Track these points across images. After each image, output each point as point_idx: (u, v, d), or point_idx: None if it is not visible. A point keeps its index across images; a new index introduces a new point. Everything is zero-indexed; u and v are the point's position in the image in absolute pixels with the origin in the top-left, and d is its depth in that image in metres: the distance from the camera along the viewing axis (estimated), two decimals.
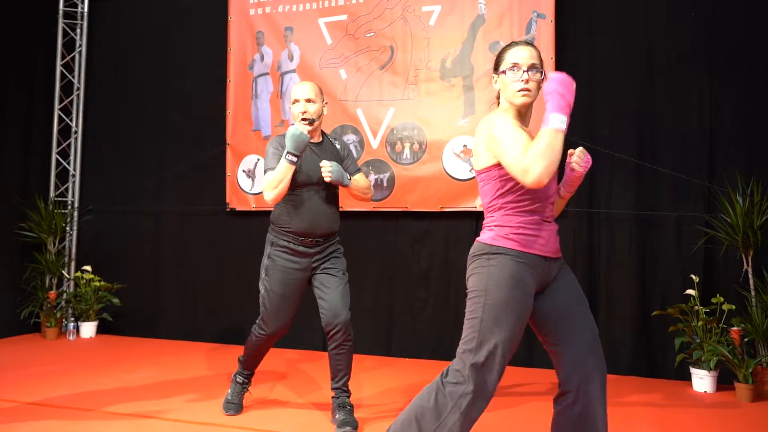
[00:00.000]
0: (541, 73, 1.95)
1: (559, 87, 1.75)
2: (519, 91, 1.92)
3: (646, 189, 4.07)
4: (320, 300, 2.85)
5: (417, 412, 1.86)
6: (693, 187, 3.94)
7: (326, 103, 2.96)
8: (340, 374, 2.89)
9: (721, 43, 3.94)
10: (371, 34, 4.63)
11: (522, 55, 1.93)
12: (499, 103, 2.04)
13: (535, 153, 1.71)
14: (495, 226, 1.92)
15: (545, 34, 4.20)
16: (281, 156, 2.72)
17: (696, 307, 3.65)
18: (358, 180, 2.94)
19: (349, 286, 2.92)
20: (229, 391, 3.12)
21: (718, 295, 3.66)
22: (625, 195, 4.11)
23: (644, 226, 4.06)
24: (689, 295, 3.70)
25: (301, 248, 2.85)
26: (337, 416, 2.85)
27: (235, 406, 3.06)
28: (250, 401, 3.27)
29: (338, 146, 3.00)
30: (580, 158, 1.95)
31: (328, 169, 2.74)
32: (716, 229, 3.77)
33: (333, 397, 2.93)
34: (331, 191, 2.91)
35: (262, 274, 2.91)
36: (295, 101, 2.85)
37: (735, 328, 3.51)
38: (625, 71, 4.14)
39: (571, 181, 2.01)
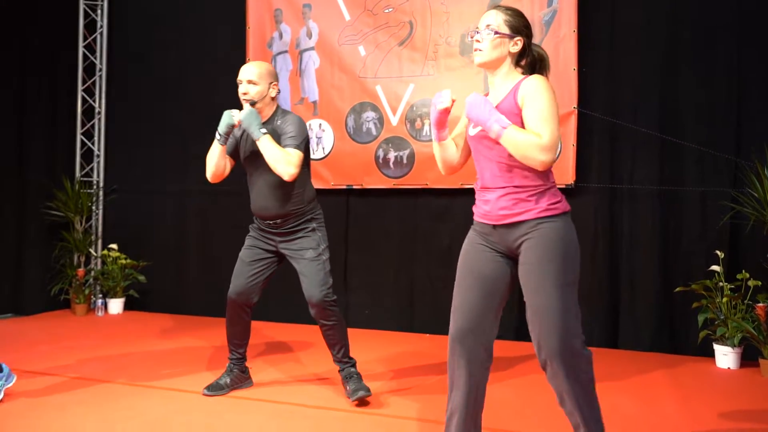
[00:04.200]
0: (498, 33, 1.97)
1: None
2: (473, 51, 2.02)
3: (670, 164, 4.00)
4: (301, 283, 2.91)
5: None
6: (719, 161, 3.85)
7: (273, 84, 2.88)
8: (336, 348, 2.95)
9: (749, 14, 3.81)
10: (390, 10, 4.58)
11: (482, 19, 2.02)
12: None
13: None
14: None
15: (567, 5, 4.11)
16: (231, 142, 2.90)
17: (720, 284, 3.61)
18: (281, 148, 2.73)
19: (322, 260, 2.89)
20: None
21: (743, 271, 3.61)
22: (649, 170, 4.04)
23: (668, 202, 4.00)
24: (713, 271, 3.65)
25: (264, 227, 2.97)
26: (348, 387, 2.91)
27: (213, 385, 3.00)
28: (266, 375, 3.34)
29: (279, 122, 2.87)
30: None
31: (238, 113, 2.74)
32: (743, 204, 3.70)
33: (339, 371, 2.99)
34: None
35: None
36: (239, 82, 2.86)
37: (761, 305, 3.46)
38: (650, 43, 4.04)
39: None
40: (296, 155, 2.74)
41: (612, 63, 4.13)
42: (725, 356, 3.61)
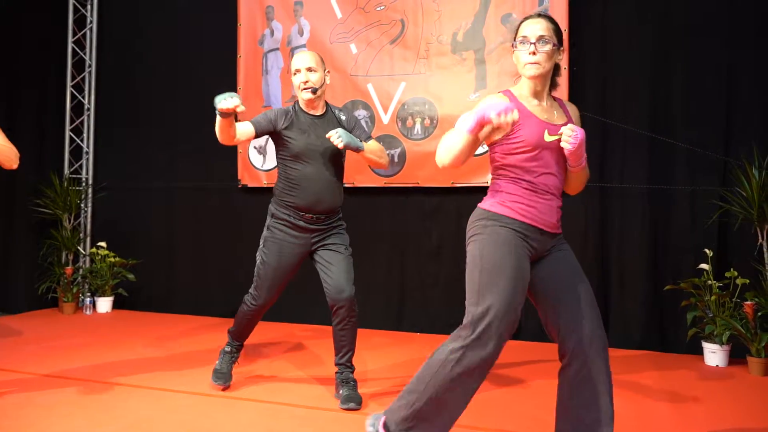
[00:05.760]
0: (554, 44, 1.96)
1: (479, 110, 1.81)
2: (527, 64, 1.97)
3: (659, 163, 4.02)
4: (324, 276, 2.84)
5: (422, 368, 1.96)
6: (708, 160, 3.88)
7: (328, 72, 2.91)
8: (344, 350, 2.89)
9: (739, 13, 3.84)
10: (381, 8, 4.57)
11: (530, 28, 1.96)
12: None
13: (441, 143, 1.95)
14: (495, 192, 2.01)
15: (558, 4, 4.12)
16: (263, 120, 2.85)
17: (709, 282, 3.63)
18: (371, 145, 2.88)
19: (352, 261, 2.89)
20: (218, 361, 3.10)
21: (732, 270, 3.63)
22: (639, 169, 4.06)
23: (657, 201, 4.02)
24: (702, 270, 3.68)
25: (301, 223, 2.85)
26: (341, 391, 2.86)
27: (224, 376, 3.03)
28: (255, 375, 3.32)
29: (343, 117, 2.92)
30: (567, 135, 1.88)
31: (336, 136, 2.67)
32: (731, 203, 3.72)
33: (336, 372, 2.94)
34: (334, 166, 2.86)
35: (261, 244, 2.94)
36: (296, 71, 2.82)
37: (748, 302, 3.49)
38: (641, 42, 4.06)
39: (567, 156, 1.97)
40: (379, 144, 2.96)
41: (602, 62, 4.14)
42: (714, 354, 3.63)
